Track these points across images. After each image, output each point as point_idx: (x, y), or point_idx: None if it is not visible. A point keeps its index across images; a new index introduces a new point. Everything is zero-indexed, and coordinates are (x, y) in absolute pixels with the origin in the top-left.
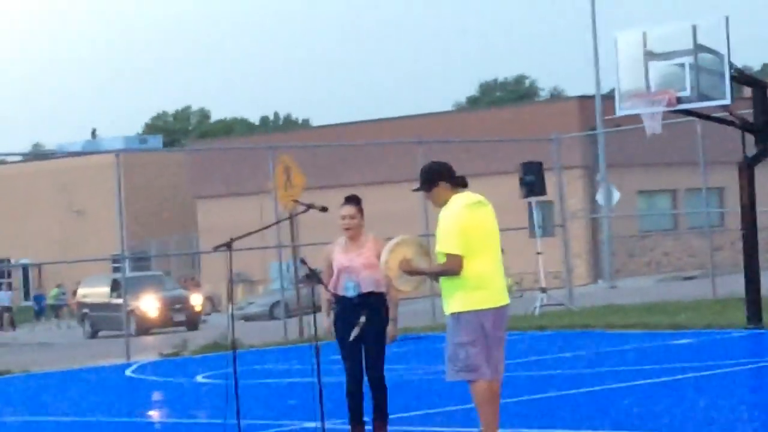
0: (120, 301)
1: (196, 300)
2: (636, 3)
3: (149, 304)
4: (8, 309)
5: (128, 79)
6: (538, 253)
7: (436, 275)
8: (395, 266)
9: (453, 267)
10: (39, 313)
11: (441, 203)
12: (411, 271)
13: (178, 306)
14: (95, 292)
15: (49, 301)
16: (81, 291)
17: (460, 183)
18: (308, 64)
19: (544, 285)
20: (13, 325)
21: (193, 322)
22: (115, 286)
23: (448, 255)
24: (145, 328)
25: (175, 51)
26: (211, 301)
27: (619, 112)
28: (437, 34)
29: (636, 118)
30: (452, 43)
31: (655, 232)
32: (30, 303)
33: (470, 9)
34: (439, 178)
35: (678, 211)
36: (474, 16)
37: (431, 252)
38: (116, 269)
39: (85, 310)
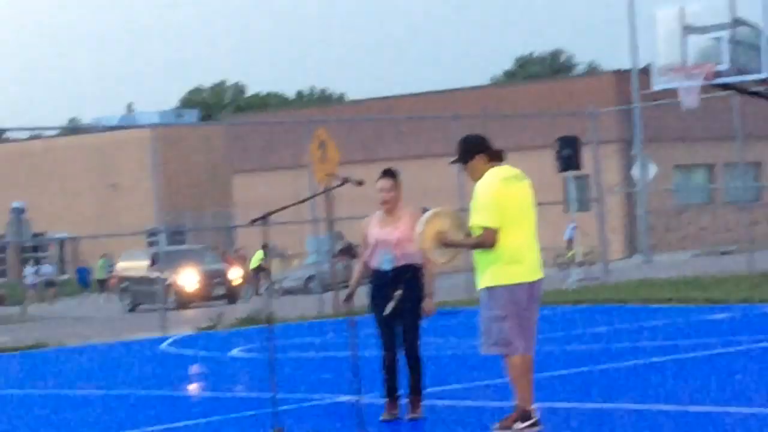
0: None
1: (236, 273)
2: None
3: (188, 278)
4: (52, 283)
5: (164, 54)
6: (574, 228)
7: (470, 248)
8: (430, 238)
9: (488, 240)
10: (83, 285)
11: (478, 176)
12: (446, 243)
13: (217, 280)
14: (135, 265)
15: (98, 274)
16: (121, 264)
17: (496, 156)
18: (344, 39)
19: (580, 259)
20: (54, 298)
21: (232, 296)
22: (155, 260)
23: (484, 228)
24: (184, 301)
25: (211, 25)
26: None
27: (656, 87)
28: (474, 8)
29: (673, 93)
30: (489, 17)
31: (691, 206)
32: (66, 276)
33: None
34: (476, 151)
35: (715, 185)
36: None
37: (466, 224)
38: (151, 243)
39: (125, 284)
